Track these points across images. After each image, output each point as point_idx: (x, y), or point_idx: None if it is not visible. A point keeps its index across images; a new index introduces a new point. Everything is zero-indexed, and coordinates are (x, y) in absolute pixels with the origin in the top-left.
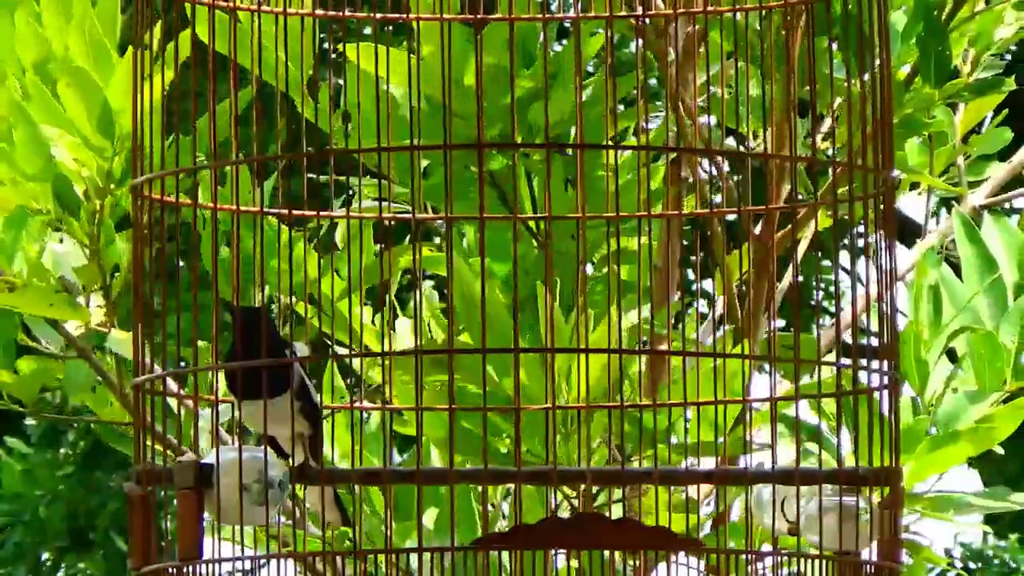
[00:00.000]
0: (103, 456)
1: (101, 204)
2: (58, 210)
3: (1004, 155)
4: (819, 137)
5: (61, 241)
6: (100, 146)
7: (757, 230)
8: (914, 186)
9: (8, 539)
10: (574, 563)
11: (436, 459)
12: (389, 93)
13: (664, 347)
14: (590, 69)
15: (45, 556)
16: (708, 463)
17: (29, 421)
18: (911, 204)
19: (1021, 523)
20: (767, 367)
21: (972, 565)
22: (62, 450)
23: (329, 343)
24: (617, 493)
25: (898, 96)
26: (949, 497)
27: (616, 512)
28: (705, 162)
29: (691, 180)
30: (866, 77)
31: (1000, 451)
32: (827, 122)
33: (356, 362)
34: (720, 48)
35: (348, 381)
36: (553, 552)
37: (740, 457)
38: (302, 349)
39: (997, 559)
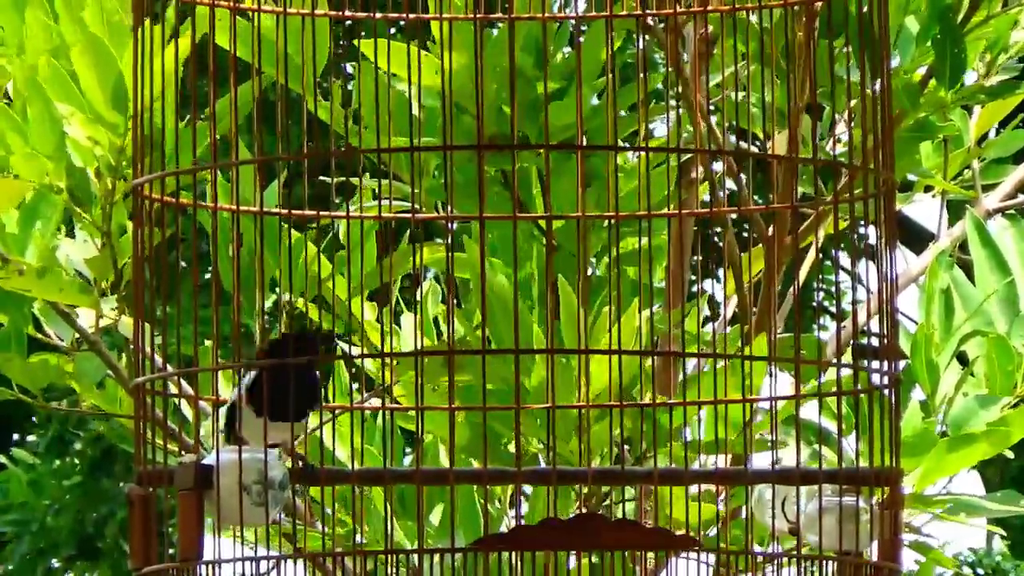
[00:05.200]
0: (110, 465)
1: (113, 185)
2: (70, 201)
3: (1019, 158)
4: (821, 138)
5: (74, 238)
6: (113, 122)
7: (770, 231)
8: (927, 189)
9: (16, 549)
10: (585, 561)
11: (444, 458)
12: (396, 91)
13: (676, 348)
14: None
15: (54, 564)
16: (717, 462)
17: (32, 437)
18: (923, 209)
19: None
20: (782, 368)
21: (980, 571)
22: (69, 459)
23: (336, 343)
24: (629, 493)
25: (913, 99)
26: (961, 500)
27: (627, 513)
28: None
29: (703, 179)
30: (867, 78)
31: (1010, 455)
32: (829, 123)
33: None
34: (722, 48)
35: (352, 380)
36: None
37: (751, 457)
38: None
39: (1006, 563)
